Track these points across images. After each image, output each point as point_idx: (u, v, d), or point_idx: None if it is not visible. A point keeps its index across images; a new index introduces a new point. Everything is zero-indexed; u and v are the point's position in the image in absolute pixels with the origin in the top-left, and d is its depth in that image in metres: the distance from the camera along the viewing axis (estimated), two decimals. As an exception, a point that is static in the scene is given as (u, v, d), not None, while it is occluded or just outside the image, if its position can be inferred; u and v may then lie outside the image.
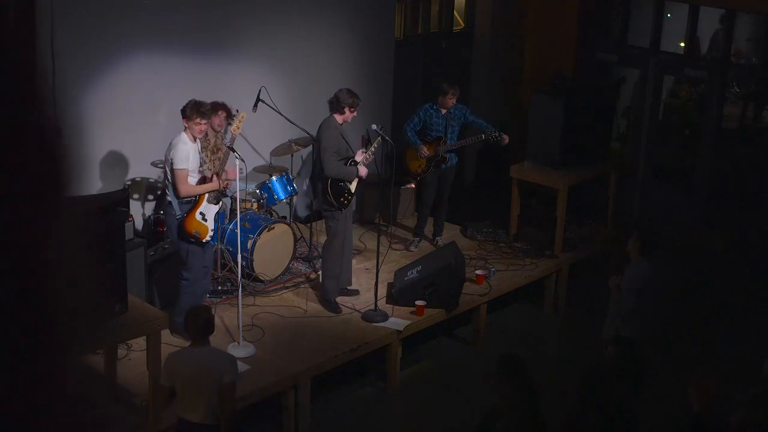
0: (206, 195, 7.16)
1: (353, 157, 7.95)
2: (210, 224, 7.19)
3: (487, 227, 9.95)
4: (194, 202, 7.14)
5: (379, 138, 8.01)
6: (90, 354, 6.59)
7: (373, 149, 8.15)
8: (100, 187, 8.00)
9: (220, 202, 7.36)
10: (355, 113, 7.92)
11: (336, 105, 7.87)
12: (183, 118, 7.04)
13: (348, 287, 8.26)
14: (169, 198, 7.16)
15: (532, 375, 5.71)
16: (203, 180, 7.24)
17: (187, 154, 7.03)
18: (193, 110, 6.99)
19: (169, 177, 7.10)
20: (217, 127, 8.37)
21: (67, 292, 1.24)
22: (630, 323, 6.89)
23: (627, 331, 6.82)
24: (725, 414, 5.45)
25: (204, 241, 7.20)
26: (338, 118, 7.85)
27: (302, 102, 9.64)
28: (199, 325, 5.55)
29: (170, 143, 7.10)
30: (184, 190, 7.05)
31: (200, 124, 7.03)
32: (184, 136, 7.07)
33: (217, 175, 7.33)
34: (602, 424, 5.31)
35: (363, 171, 7.97)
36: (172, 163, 7.03)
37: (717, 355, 8.35)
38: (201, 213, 7.14)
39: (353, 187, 7.97)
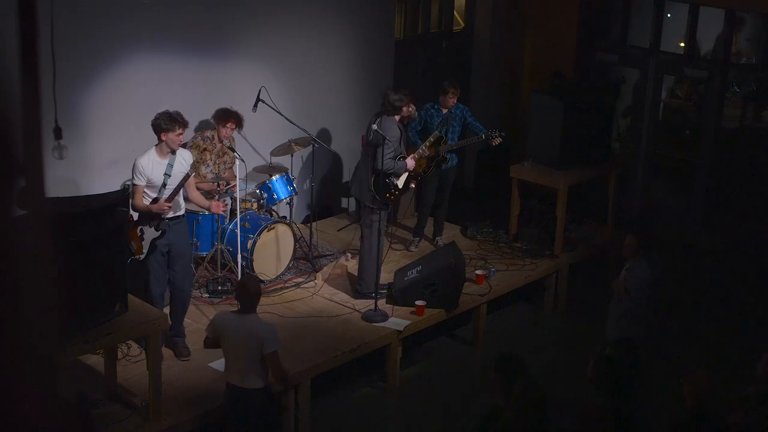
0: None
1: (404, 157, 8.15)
2: (145, 245, 6.96)
3: (487, 227, 9.95)
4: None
5: (431, 138, 8.63)
6: (90, 354, 6.62)
7: (423, 149, 8.68)
8: (100, 187, 7.99)
9: (160, 230, 6.96)
10: (410, 107, 8.20)
11: (391, 108, 7.94)
12: (162, 131, 6.74)
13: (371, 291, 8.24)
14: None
15: (532, 375, 5.71)
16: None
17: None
18: (175, 122, 6.78)
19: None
20: (224, 137, 8.37)
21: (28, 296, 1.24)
22: (639, 324, 6.89)
23: (635, 331, 6.81)
24: (718, 409, 5.46)
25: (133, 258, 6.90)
26: (397, 118, 8.01)
27: (302, 102, 9.65)
28: (247, 295, 5.93)
29: (187, 159, 6.96)
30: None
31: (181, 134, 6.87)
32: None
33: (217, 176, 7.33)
34: (612, 407, 5.33)
35: (410, 163, 8.18)
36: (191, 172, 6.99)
37: (715, 355, 8.35)
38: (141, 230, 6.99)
39: (401, 182, 8.06)
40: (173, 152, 6.85)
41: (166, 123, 6.72)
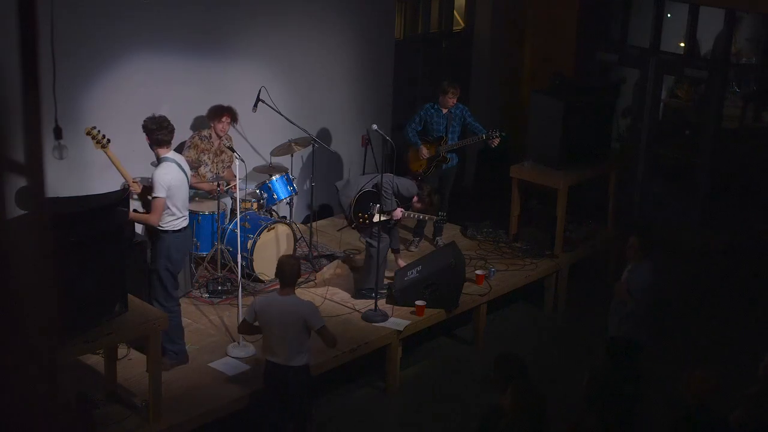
0: None
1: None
2: None
3: (487, 227, 9.94)
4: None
5: (425, 216, 8.50)
6: (90, 354, 6.61)
7: (417, 216, 8.51)
8: (100, 187, 7.99)
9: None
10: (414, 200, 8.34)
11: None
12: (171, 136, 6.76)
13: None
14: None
15: (532, 375, 5.72)
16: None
17: None
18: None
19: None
20: (220, 132, 8.39)
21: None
22: (642, 326, 6.86)
23: (638, 334, 6.79)
24: (720, 408, 5.46)
25: None
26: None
27: (302, 102, 9.65)
28: (288, 275, 6.11)
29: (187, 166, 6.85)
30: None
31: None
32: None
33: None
34: (604, 424, 5.31)
35: (398, 213, 8.19)
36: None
37: (715, 355, 8.35)
38: None
39: (377, 218, 8.01)
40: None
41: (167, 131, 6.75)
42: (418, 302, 7.95)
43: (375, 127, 7.97)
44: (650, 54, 11.10)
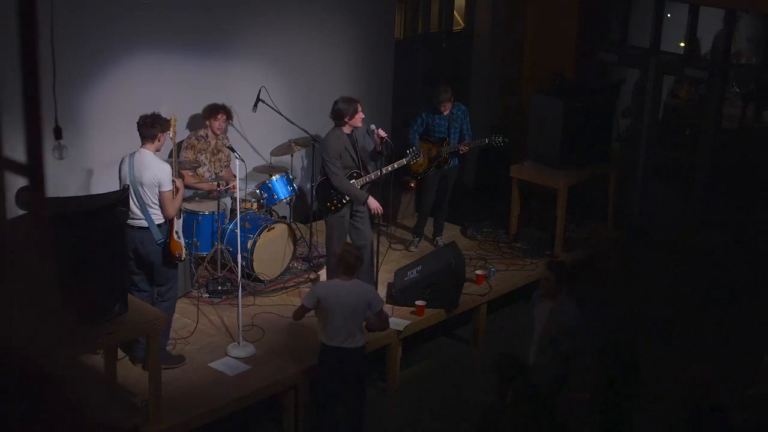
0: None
1: (360, 171, 7.94)
2: (182, 241, 6.87)
3: (487, 227, 9.95)
4: (169, 222, 6.77)
5: (405, 158, 8.34)
6: (90, 354, 6.61)
7: (389, 169, 8.21)
8: (100, 187, 7.99)
9: (182, 215, 6.98)
10: (357, 118, 7.79)
11: (336, 118, 7.80)
12: (148, 136, 6.75)
13: None
14: (146, 224, 6.72)
15: (532, 375, 5.72)
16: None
17: (170, 173, 6.74)
18: (158, 126, 6.72)
19: (151, 201, 6.73)
20: (217, 129, 8.40)
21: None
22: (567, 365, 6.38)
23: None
24: (720, 407, 5.46)
25: (183, 259, 6.91)
26: (345, 129, 7.80)
27: (302, 102, 9.65)
28: (350, 262, 6.42)
29: (143, 165, 6.73)
30: (174, 210, 6.75)
31: (161, 139, 6.79)
32: (153, 155, 6.79)
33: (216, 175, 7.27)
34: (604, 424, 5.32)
35: (374, 204, 7.89)
36: (160, 186, 6.68)
37: (715, 355, 8.34)
38: (176, 232, 6.80)
39: (346, 198, 7.93)
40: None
41: (154, 128, 6.73)
42: (418, 302, 7.95)
43: (374, 126, 7.97)
44: (650, 54, 11.10)
